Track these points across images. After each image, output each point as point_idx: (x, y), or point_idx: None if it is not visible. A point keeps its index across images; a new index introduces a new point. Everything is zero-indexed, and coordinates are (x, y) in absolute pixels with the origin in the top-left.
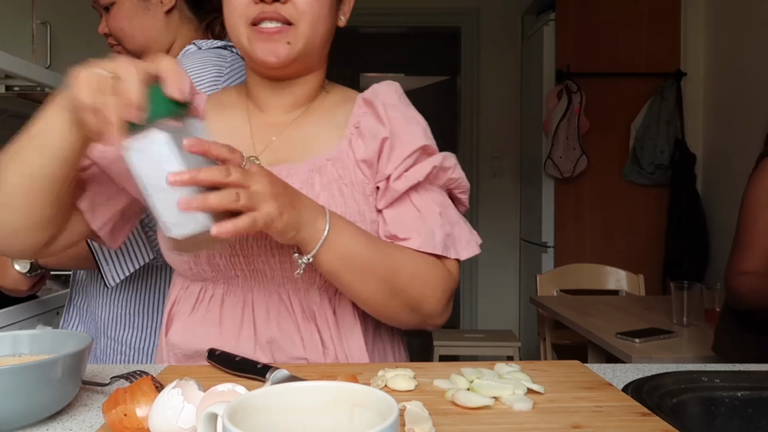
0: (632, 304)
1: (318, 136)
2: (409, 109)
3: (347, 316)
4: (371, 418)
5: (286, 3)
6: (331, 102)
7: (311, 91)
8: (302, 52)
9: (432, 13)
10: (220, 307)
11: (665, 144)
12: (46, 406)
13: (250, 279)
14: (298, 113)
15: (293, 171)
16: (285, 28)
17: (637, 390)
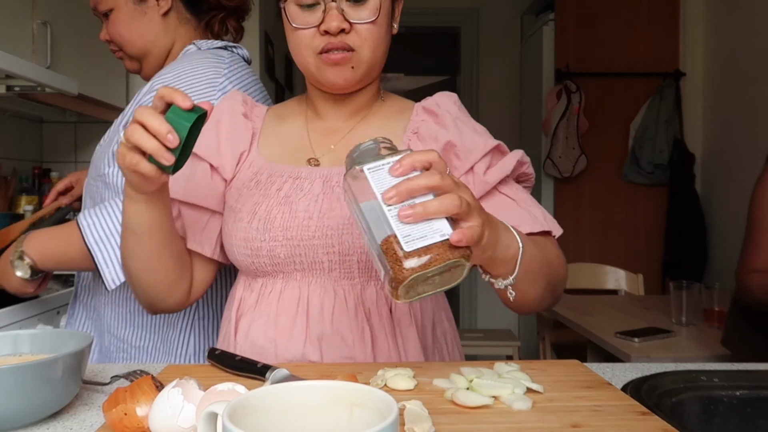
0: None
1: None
2: (470, 119)
3: (404, 316)
4: (371, 417)
5: (350, 32)
6: (388, 110)
7: (369, 99)
8: (367, 73)
9: (432, 12)
10: (278, 302)
11: (664, 144)
12: (46, 405)
13: (309, 273)
14: (357, 120)
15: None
16: (349, 55)
17: (636, 389)
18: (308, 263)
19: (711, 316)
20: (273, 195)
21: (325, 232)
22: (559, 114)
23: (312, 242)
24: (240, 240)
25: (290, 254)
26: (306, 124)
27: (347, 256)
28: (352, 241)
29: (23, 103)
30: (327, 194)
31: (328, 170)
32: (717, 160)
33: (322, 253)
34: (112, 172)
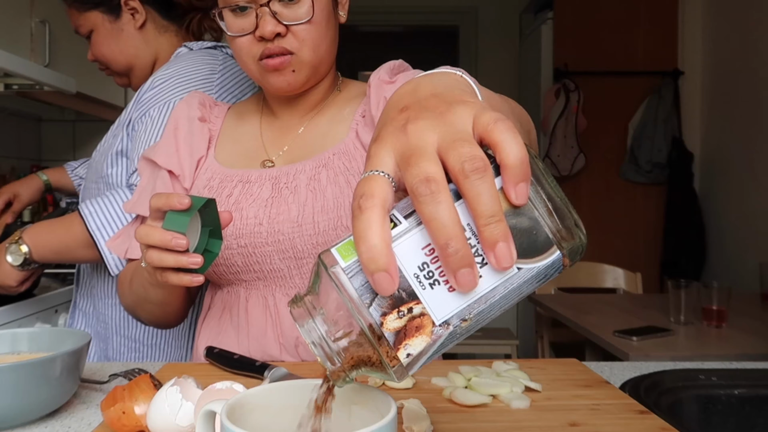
0: (630, 302)
1: (328, 133)
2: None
3: None
4: (369, 416)
5: (286, 36)
6: (342, 99)
7: (323, 93)
8: (312, 74)
9: (430, 11)
10: (246, 312)
11: (662, 142)
12: (45, 403)
13: (270, 281)
14: (312, 115)
15: (300, 169)
16: (288, 59)
17: (635, 388)
18: (267, 271)
19: (709, 314)
20: (223, 202)
21: (277, 237)
22: (558, 113)
23: (265, 249)
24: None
25: (247, 262)
26: (260, 124)
27: (302, 260)
28: (304, 243)
29: (21, 101)
30: (276, 198)
31: (277, 171)
32: (715, 159)
33: (277, 259)
34: (115, 173)
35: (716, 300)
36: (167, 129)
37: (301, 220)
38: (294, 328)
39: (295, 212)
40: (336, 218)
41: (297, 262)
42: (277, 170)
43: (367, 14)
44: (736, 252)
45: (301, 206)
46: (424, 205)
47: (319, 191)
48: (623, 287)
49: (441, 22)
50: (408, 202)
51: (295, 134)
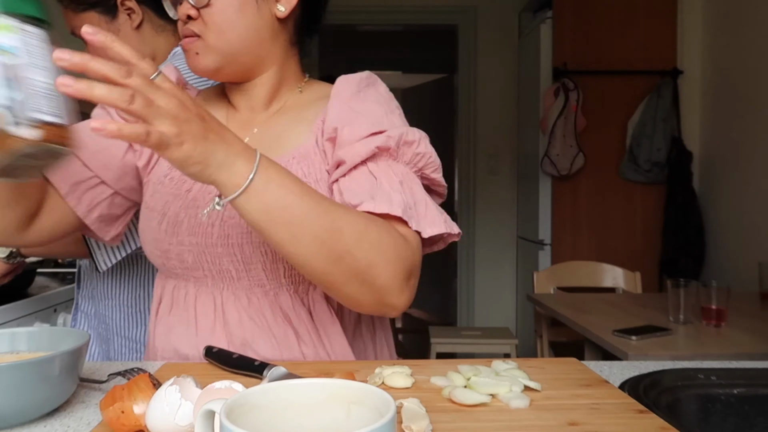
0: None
1: (288, 134)
2: (364, 97)
3: (324, 314)
4: (368, 415)
5: (198, 19)
6: (304, 100)
7: (271, 90)
8: (222, 60)
9: (429, 10)
10: (194, 308)
11: (662, 142)
12: (44, 403)
13: (219, 280)
14: (272, 112)
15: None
16: (191, 41)
17: (634, 387)
18: (216, 271)
19: (709, 314)
20: (183, 196)
21: (227, 240)
22: (557, 112)
23: (216, 250)
24: (151, 240)
25: (198, 260)
26: (226, 115)
27: (251, 265)
28: (253, 250)
29: None
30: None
31: None
32: (715, 158)
33: (227, 261)
34: None
35: (715, 299)
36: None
37: (251, 228)
38: (241, 327)
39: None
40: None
41: (245, 266)
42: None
43: (367, 14)
44: (736, 251)
45: None
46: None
47: None
48: (622, 287)
49: (440, 21)
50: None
51: (252, 132)
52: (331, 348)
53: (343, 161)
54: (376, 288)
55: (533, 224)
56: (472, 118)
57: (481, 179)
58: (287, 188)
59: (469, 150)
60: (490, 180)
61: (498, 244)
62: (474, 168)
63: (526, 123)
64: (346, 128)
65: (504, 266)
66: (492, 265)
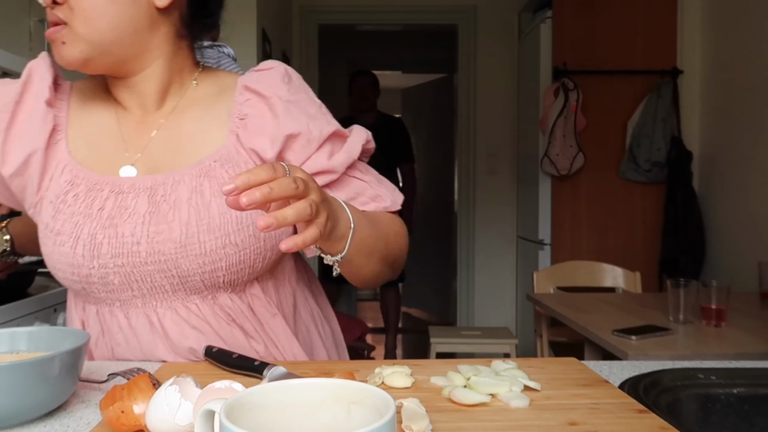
0: (629, 301)
1: (199, 134)
2: (302, 97)
3: (264, 308)
4: (368, 415)
5: (63, 4)
6: (205, 93)
7: (161, 85)
8: (91, 50)
9: (429, 10)
10: (129, 329)
11: (662, 141)
12: (43, 403)
13: (151, 298)
14: (168, 111)
15: (179, 179)
16: (58, 29)
17: (634, 387)
18: (147, 288)
19: (708, 313)
20: (95, 216)
21: (158, 258)
22: (557, 112)
23: (146, 268)
24: (65, 265)
25: (125, 281)
26: (117, 116)
27: (188, 278)
28: (189, 264)
29: None
30: (154, 213)
31: (152, 180)
32: (714, 158)
33: (160, 277)
34: None
35: (715, 299)
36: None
37: (185, 241)
38: (185, 338)
39: (178, 232)
40: (224, 236)
41: (181, 279)
42: (151, 179)
43: (366, 13)
44: (735, 251)
45: (184, 225)
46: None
47: (203, 207)
48: (622, 286)
49: (440, 21)
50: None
51: (152, 133)
52: (278, 340)
53: (326, 171)
54: (399, 266)
55: (533, 224)
56: (472, 117)
57: (481, 179)
58: (361, 218)
59: (468, 150)
60: (490, 180)
61: (498, 244)
62: (474, 168)
63: (526, 123)
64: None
65: (504, 266)
66: (492, 265)
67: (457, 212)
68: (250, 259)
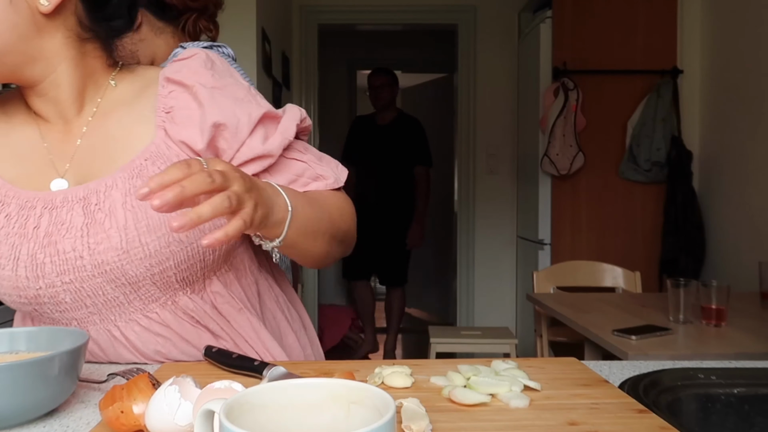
0: (629, 301)
1: (126, 134)
2: (227, 82)
3: (228, 304)
4: (368, 415)
5: None
6: (125, 94)
7: (74, 90)
8: None
9: (429, 10)
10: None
11: (662, 141)
12: (43, 403)
13: (108, 313)
14: (88, 116)
15: (111, 184)
16: None
17: (634, 387)
18: (102, 302)
19: (709, 313)
20: (32, 235)
21: (103, 268)
22: (557, 111)
23: (94, 281)
24: (10, 289)
25: (77, 297)
26: (39, 129)
27: (139, 284)
28: (136, 269)
29: None
30: (91, 224)
31: (84, 190)
32: (715, 158)
33: (111, 288)
34: None
35: (715, 299)
36: None
37: (127, 246)
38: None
39: (117, 239)
40: (167, 234)
41: (133, 287)
42: (83, 189)
43: (366, 13)
44: (736, 251)
45: (123, 231)
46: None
47: (140, 208)
48: (622, 286)
49: (440, 20)
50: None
51: (78, 142)
52: (246, 335)
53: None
54: (350, 242)
55: (533, 224)
56: (472, 117)
57: (481, 179)
58: (301, 200)
59: (468, 149)
60: (490, 179)
61: (498, 244)
62: (473, 167)
63: (526, 122)
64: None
65: (504, 266)
66: (492, 264)
67: (457, 212)
68: (199, 254)
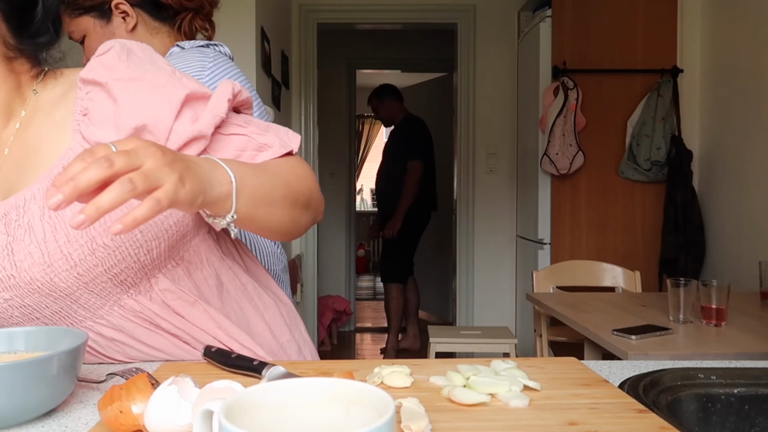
0: (628, 300)
1: (43, 143)
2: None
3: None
4: (367, 414)
5: None
6: (47, 99)
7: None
8: None
9: (428, 9)
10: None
11: (661, 141)
12: (41, 403)
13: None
14: (12, 129)
15: (30, 196)
16: None
17: (634, 387)
18: (49, 315)
19: (709, 313)
20: None
21: (35, 285)
22: (556, 111)
23: (32, 297)
24: None
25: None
26: None
27: (74, 295)
28: (65, 281)
29: None
30: (12, 242)
31: (4, 206)
32: (715, 157)
33: (50, 302)
34: None
35: (715, 299)
36: None
37: (50, 260)
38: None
39: (39, 254)
40: (89, 241)
41: (70, 298)
42: (4, 205)
43: (365, 12)
44: (736, 250)
45: (42, 244)
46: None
47: (57, 219)
48: (622, 286)
49: (439, 19)
50: None
51: (6, 151)
52: (204, 326)
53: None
54: (315, 206)
55: (532, 223)
56: (472, 116)
57: (480, 178)
58: (247, 169)
59: (468, 149)
60: (490, 179)
61: (497, 244)
62: (473, 167)
63: (526, 122)
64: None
65: (503, 265)
66: (491, 264)
67: (457, 211)
68: (131, 256)
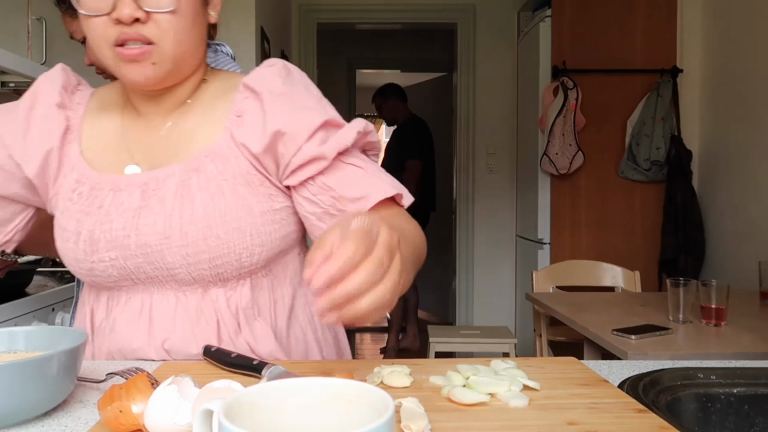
0: (628, 300)
1: (198, 131)
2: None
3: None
4: (367, 414)
5: (147, 22)
6: (210, 94)
7: (190, 91)
8: (172, 68)
9: (428, 9)
10: (123, 314)
11: (661, 140)
12: (41, 402)
13: (149, 285)
14: (178, 113)
15: (170, 174)
16: (148, 49)
17: (633, 387)
18: (143, 278)
19: (708, 313)
20: (95, 213)
21: (145, 250)
22: (556, 111)
23: (136, 260)
24: (72, 260)
25: (122, 274)
26: (122, 120)
27: (172, 270)
28: (173, 257)
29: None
30: (144, 207)
31: (146, 176)
32: (714, 157)
33: (149, 269)
34: None
35: (715, 298)
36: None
37: (168, 232)
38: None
39: (161, 224)
40: (206, 228)
41: (167, 272)
42: (146, 175)
43: (365, 12)
44: (735, 250)
45: (168, 217)
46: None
47: (188, 199)
48: (622, 286)
49: (439, 20)
50: None
51: (159, 134)
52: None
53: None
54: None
55: (532, 223)
56: (471, 116)
57: (480, 178)
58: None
59: (468, 149)
60: (489, 179)
61: (497, 243)
62: (473, 167)
63: (525, 122)
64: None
65: (503, 265)
66: (491, 264)
67: (456, 211)
68: (235, 253)
